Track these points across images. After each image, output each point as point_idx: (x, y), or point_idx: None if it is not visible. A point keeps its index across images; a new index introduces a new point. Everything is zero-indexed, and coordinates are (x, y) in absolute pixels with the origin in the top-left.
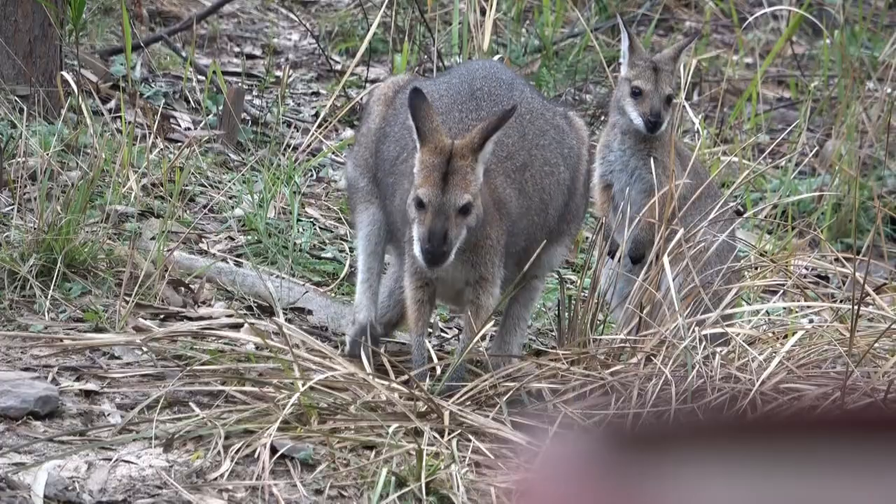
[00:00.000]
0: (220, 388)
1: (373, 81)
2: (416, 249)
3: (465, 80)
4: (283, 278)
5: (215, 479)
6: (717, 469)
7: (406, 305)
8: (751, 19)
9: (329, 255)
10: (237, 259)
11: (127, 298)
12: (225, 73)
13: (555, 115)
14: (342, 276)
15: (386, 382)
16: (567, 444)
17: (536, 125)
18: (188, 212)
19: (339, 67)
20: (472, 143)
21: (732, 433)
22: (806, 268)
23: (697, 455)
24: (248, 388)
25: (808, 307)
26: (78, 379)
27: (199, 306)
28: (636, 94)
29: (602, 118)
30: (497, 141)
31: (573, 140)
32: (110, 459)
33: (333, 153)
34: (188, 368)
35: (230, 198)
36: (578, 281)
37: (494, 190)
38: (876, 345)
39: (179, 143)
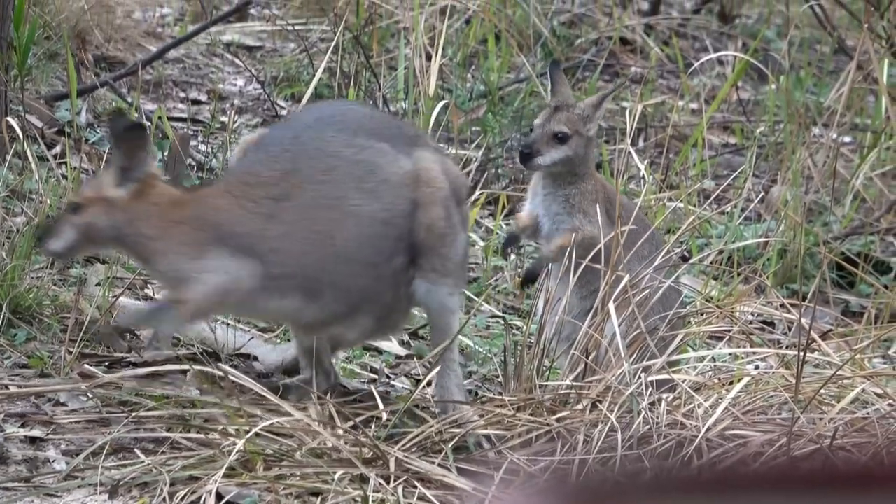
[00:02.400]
0: (166, 434)
1: None
2: None
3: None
4: (228, 324)
5: None
6: None
7: None
8: (696, 65)
9: None
10: None
11: (72, 345)
12: (170, 118)
13: (374, 154)
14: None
15: (332, 429)
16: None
17: (324, 161)
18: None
19: (284, 113)
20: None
21: (690, 488)
22: (752, 314)
23: None
24: (193, 434)
25: (754, 353)
26: (23, 425)
27: (146, 354)
28: (529, 130)
29: None
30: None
31: (396, 177)
32: None
33: None
34: (133, 415)
35: None
36: (524, 327)
37: (218, 210)
38: (822, 391)
39: None
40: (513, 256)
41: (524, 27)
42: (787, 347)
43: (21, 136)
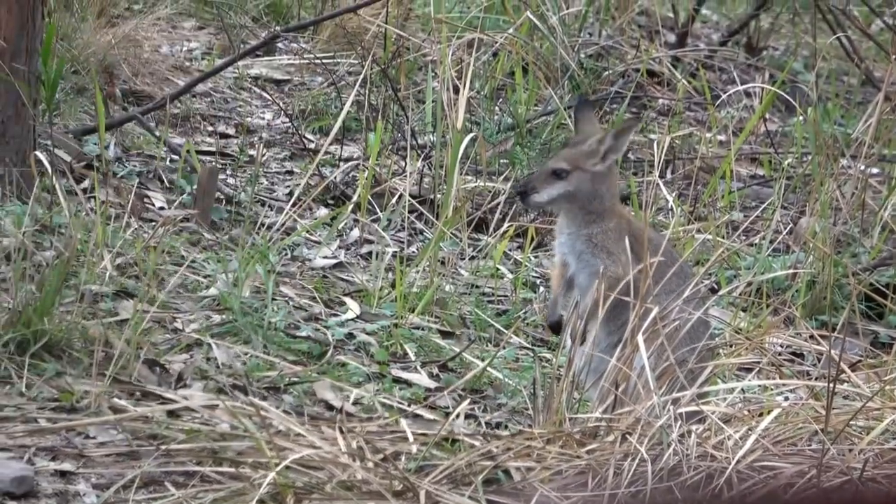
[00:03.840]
0: (196, 467)
1: (346, 160)
2: None
3: None
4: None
5: None
6: None
7: None
8: (724, 97)
9: (304, 333)
10: (213, 339)
11: (102, 378)
12: (198, 152)
13: None
14: (318, 354)
15: (362, 461)
16: None
17: None
18: (162, 291)
19: (312, 146)
20: None
21: None
22: (781, 345)
23: None
24: (223, 467)
25: (784, 385)
26: (53, 459)
27: (176, 387)
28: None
29: None
30: None
31: None
32: None
33: (308, 232)
34: (163, 448)
35: (205, 277)
36: (554, 359)
37: None
38: (851, 422)
39: (153, 223)
40: (542, 289)
41: (551, 60)
42: (816, 379)
43: (50, 170)
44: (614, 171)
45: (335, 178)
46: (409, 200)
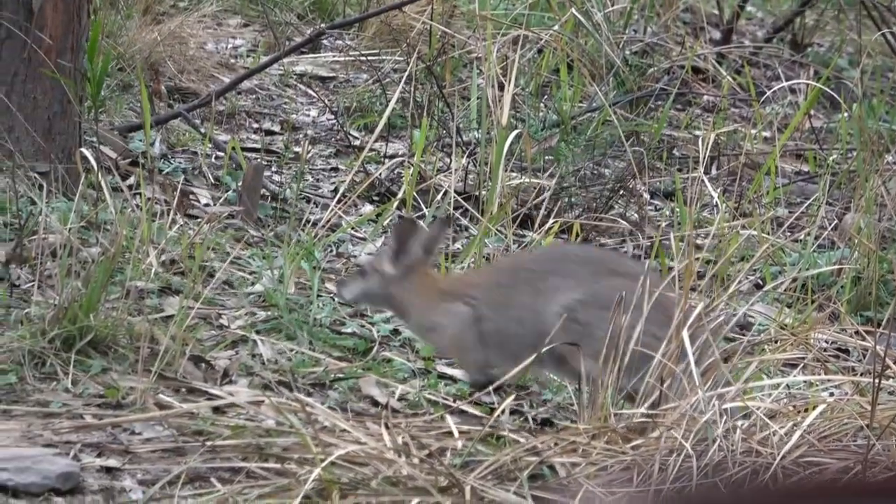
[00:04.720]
0: (242, 464)
1: (391, 157)
2: None
3: None
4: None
5: None
6: None
7: None
8: (769, 93)
9: (350, 330)
10: (258, 335)
11: (147, 374)
12: (244, 148)
13: None
14: (364, 350)
15: (407, 457)
16: None
17: None
18: (207, 287)
19: (357, 143)
20: None
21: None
22: (826, 341)
23: None
24: (269, 463)
25: (829, 380)
26: (99, 455)
27: (221, 383)
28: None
29: (621, 192)
30: None
31: None
32: None
33: (353, 228)
34: (209, 444)
35: (250, 273)
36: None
37: None
38: None
39: (199, 219)
40: None
41: (596, 57)
42: (861, 374)
43: (95, 167)
44: (416, 272)
45: (380, 174)
46: (454, 197)
